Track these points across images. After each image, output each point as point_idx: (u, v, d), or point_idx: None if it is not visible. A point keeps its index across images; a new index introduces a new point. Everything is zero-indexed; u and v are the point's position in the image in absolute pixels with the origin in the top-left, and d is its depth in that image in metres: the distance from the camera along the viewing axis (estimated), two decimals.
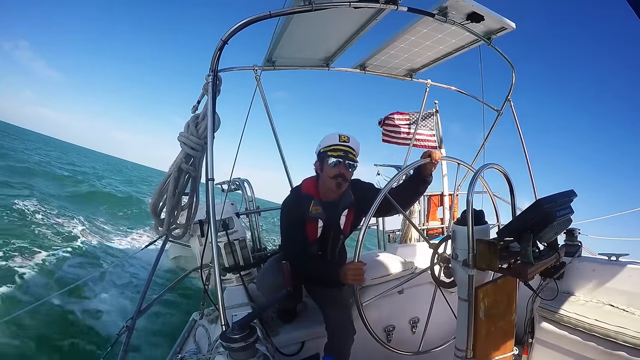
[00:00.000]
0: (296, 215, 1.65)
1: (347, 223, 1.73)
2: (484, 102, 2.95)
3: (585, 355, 1.61)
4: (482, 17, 1.91)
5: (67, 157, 38.02)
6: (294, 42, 2.24)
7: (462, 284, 1.26)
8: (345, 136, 1.62)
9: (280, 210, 1.73)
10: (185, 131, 1.55)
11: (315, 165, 1.70)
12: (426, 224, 4.00)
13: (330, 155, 1.57)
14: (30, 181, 12.48)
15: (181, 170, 1.56)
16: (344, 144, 1.60)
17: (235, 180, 2.96)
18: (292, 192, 1.78)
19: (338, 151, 1.58)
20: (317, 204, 1.64)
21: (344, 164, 1.58)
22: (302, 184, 1.76)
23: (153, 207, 1.64)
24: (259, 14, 1.42)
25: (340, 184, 1.59)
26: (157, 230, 1.72)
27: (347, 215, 1.72)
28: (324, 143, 1.64)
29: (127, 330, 1.66)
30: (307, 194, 1.68)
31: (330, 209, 1.67)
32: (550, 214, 1.07)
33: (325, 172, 1.61)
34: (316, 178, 1.73)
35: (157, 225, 1.68)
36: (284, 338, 1.80)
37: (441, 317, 1.68)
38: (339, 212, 1.69)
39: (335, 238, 1.73)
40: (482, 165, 1.43)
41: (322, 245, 1.71)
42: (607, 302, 1.74)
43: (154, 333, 4.55)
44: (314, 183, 1.71)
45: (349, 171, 1.60)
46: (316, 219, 1.64)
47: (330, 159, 1.57)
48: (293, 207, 1.67)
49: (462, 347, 1.24)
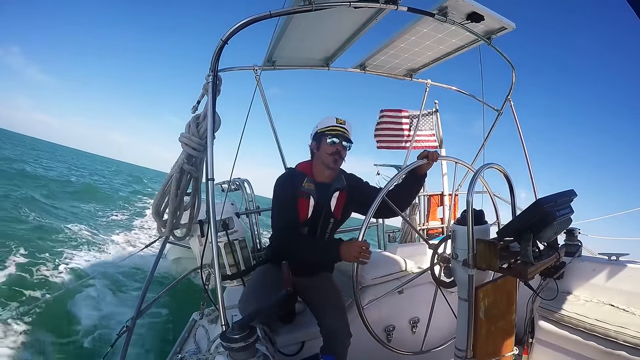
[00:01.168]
0: (289, 190, 1.70)
1: (338, 206, 1.77)
2: (484, 101, 2.95)
3: (585, 355, 1.61)
4: (482, 16, 1.91)
5: (64, 158, 37.95)
6: (294, 42, 2.24)
7: (462, 284, 1.26)
8: (342, 119, 1.75)
9: (274, 187, 1.77)
10: (186, 132, 1.55)
11: (311, 145, 1.79)
12: (426, 224, 4.00)
13: (329, 134, 1.70)
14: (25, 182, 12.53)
15: (183, 171, 1.56)
16: (341, 126, 1.73)
17: (235, 180, 2.96)
18: (287, 170, 1.87)
19: (336, 131, 1.71)
20: (310, 181, 1.73)
21: (340, 143, 1.70)
22: (297, 165, 1.85)
23: (156, 209, 1.64)
24: (259, 14, 1.42)
25: (337, 160, 1.72)
26: (160, 231, 1.72)
27: (339, 197, 1.77)
28: (321, 125, 1.75)
29: (127, 330, 1.66)
30: (301, 172, 1.77)
31: (322, 189, 1.74)
32: (550, 214, 1.07)
33: (323, 150, 1.71)
34: (310, 161, 1.82)
35: (160, 226, 1.68)
36: (284, 338, 1.80)
37: (441, 317, 1.68)
38: (330, 192, 1.75)
39: (326, 219, 1.76)
40: (482, 165, 1.44)
41: (312, 226, 1.74)
42: (607, 302, 1.74)
43: (154, 333, 4.54)
44: (308, 164, 1.81)
45: (344, 150, 1.73)
46: (308, 196, 1.70)
47: (328, 138, 1.69)
48: (287, 181, 1.74)
49: (462, 347, 1.24)
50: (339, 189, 1.76)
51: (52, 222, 8.43)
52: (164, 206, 1.64)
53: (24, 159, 23.15)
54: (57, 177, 17.44)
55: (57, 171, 21.59)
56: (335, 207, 1.76)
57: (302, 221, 1.71)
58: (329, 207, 1.75)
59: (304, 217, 1.71)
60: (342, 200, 1.78)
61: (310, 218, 1.71)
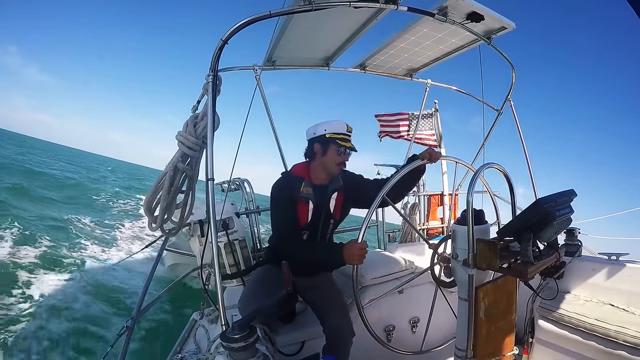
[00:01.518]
0: (287, 196, 1.68)
1: (336, 206, 1.77)
2: (484, 101, 2.94)
3: (585, 354, 1.61)
4: (482, 16, 1.91)
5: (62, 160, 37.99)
6: (294, 42, 2.24)
7: (462, 284, 1.26)
8: (350, 127, 1.73)
9: (270, 194, 1.74)
10: (183, 130, 1.54)
11: (315, 147, 1.72)
12: (426, 224, 4.01)
13: (341, 143, 1.67)
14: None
15: (177, 169, 1.55)
16: (349, 135, 1.72)
17: (235, 180, 2.95)
18: (283, 175, 1.82)
19: (347, 141, 1.69)
20: (308, 185, 1.71)
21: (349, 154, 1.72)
22: (293, 168, 1.81)
23: (147, 204, 1.63)
24: (259, 14, 1.41)
25: (342, 169, 1.74)
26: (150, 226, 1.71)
27: (337, 198, 1.76)
28: (332, 129, 1.68)
29: (127, 330, 1.66)
30: (298, 176, 1.73)
31: (320, 191, 1.73)
32: (550, 214, 1.07)
33: (331, 158, 1.69)
34: (307, 163, 1.78)
35: (151, 222, 1.67)
36: (284, 338, 1.79)
37: (441, 317, 1.68)
38: (329, 194, 1.74)
39: (326, 222, 1.75)
40: (482, 165, 1.43)
41: (312, 229, 1.73)
42: (607, 302, 1.74)
43: (154, 333, 4.55)
44: (305, 167, 1.77)
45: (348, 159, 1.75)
46: (307, 200, 1.68)
47: (340, 147, 1.67)
48: (284, 187, 1.71)
49: (462, 346, 1.24)
50: (336, 189, 1.76)
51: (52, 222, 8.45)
52: (155, 202, 1.63)
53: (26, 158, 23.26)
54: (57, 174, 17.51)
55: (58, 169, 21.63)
56: (334, 207, 1.77)
57: (303, 225, 1.70)
58: (328, 209, 1.75)
59: (304, 221, 1.70)
60: (340, 200, 1.78)
61: (310, 222, 1.71)
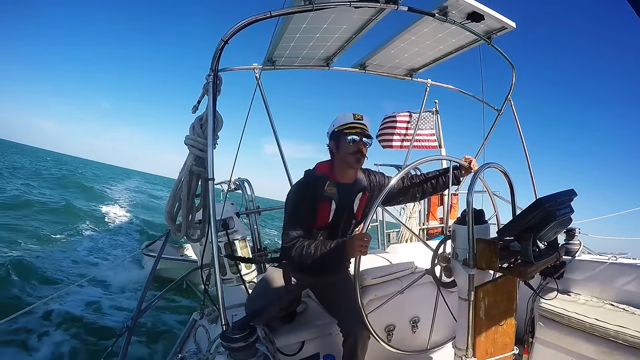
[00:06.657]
0: (307, 196, 1.61)
1: (360, 207, 1.72)
2: (484, 101, 2.95)
3: (585, 354, 1.61)
4: (482, 16, 1.91)
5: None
6: (294, 41, 2.24)
7: (462, 284, 1.26)
8: (359, 115, 1.65)
9: (289, 194, 1.68)
10: (191, 134, 1.55)
11: (330, 145, 1.69)
12: (426, 224, 4.01)
13: (348, 133, 1.60)
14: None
15: (192, 173, 1.56)
16: (359, 122, 1.64)
17: (235, 180, 2.96)
18: (306, 174, 1.73)
19: (355, 129, 1.61)
20: (332, 184, 1.64)
21: (361, 140, 1.61)
22: (316, 166, 1.74)
23: (169, 214, 1.63)
24: (259, 14, 1.42)
25: (360, 159, 1.63)
26: (175, 235, 1.71)
27: (361, 199, 1.71)
28: (338, 122, 1.65)
29: (127, 330, 1.66)
30: (322, 174, 1.67)
31: (344, 191, 1.66)
32: (551, 213, 1.07)
33: (344, 150, 1.62)
34: (330, 161, 1.72)
35: (175, 230, 1.67)
36: (284, 338, 1.79)
37: (442, 317, 1.68)
38: (354, 194, 1.68)
39: (347, 222, 1.69)
40: (482, 165, 1.44)
41: (332, 230, 1.66)
42: (607, 302, 1.74)
43: (154, 333, 4.55)
44: (329, 165, 1.71)
45: (365, 147, 1.64)
46: (330, 200, 1.61)
47: (348, 136, 1.60)
48: (306, 187, 1.64)
49: (462, 346, 1.24)
50: (361, 189, 1.70)
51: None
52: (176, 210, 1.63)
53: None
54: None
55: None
56: (358, 208, 1.71)
57: (324, 225, 1.65)
58: (352, 209, 1.69)
59: (325, 221, 1.64)
60: (364, 200, 1.73)
61: (331, 221, 1.65)
